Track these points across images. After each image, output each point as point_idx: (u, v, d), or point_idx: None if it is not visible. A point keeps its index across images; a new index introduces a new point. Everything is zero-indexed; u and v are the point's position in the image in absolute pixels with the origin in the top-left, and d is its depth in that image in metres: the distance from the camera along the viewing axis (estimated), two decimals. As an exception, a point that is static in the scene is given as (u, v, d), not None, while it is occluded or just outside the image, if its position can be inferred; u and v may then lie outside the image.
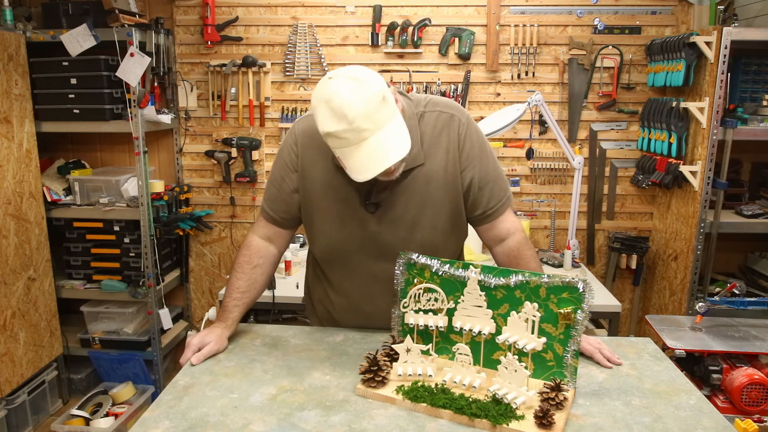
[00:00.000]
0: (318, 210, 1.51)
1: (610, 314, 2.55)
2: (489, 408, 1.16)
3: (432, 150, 1.46)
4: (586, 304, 1.22)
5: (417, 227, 1.48)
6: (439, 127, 1.47)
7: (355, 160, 1.26)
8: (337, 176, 1.46)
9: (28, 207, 2.79)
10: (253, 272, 1.55)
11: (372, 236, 1.48)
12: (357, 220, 1.47)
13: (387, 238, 1.47)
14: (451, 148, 1.46)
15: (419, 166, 1.45)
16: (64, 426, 2.77)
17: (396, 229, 1.47)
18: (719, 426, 1.17)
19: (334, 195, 1.48)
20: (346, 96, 1.23)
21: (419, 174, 1.45)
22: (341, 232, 1.49)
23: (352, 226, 1.48)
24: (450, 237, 1.54)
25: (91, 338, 3.11)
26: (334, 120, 1.23)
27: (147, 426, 1.16)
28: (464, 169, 1.47)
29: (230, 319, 1.51)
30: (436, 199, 1.47)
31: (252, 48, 3.13)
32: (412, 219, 1.47)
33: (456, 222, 1.52)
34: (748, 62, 2.69)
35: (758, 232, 2.72)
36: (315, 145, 1.47)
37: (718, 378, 2.08)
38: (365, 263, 1.51)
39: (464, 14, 3.02)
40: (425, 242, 1.48)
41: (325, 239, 1.52)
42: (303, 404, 1.23)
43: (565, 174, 3.12)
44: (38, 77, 2.87)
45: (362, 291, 1.55)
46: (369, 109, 1.23)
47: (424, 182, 1.46)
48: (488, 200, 1.50)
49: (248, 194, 3.28)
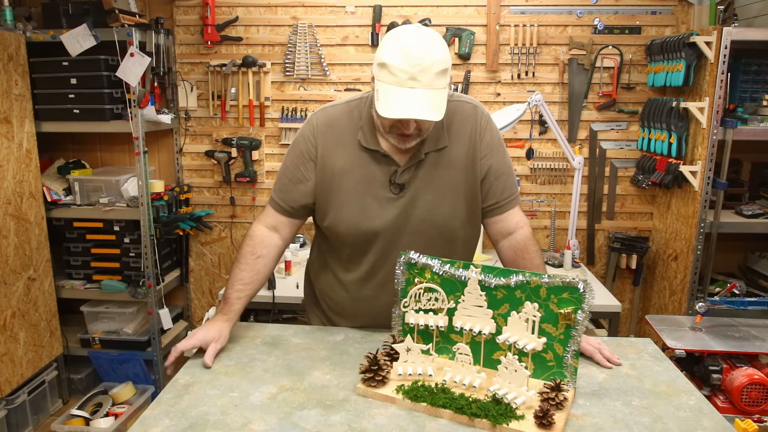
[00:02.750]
0: (340, 195, 1.51)
1: (610, 314, 2.55)
2: (489, 408, 1.16)
3: (456, 136, 1.51)
4: (586, 304, 1.22)
5: (437, 210, 1.50)
6: (464, 115, 1.53)
7: (393, 98, 1.30)
8: (362, 157, 1.49)
9: (28, 207, 2.79)
10: (257, 263, 1.54)
11: (394, 218, 1.50)
12: (380, 200, 1.49)
13: (407, 219, 1.50)
14: (472, 135, 1.52)
15: (443, 149, 1.50)
16: (64, 426, 2.77)
17: (416, 210, 1.50)
18: (719, 426, 1.17)
19: (357, 179, 1.49)
20: (420, 45, 1.30)
21: (442, 157, 1.50)
22: (363, 215, 1.50)
23: (374, 208, 1.49)
24: (466, 224, 1.56)
25: (91, 338, 3.11)
26: (398, 56, 1.29)
27: (147, 424, 1.16)
28: (483, 157, 1.52)
29: (233, 312, 1.50)
30: (457, 184, 1.51)
31: (252, 48, 3.13)
32: (433, 201, 1.50)
33: (472, 209, 1.55)
34: (748, 62, 2.69)
35: (758, 232, 2.72)
36: (335, 134, 1.50)
37: (718, 378, 2.08)
38: (385, 246, 1.52)
39: (464, 14, 3.02)
40: (444, 225, 1.51)
41: (347, 221, 1.51)
42: (303, 403, 1.23)
43: (565, 174, 3.12)
44: (38, 77, 2.87)
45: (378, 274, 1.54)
46: (431, 67, 1.29)
47: (447, 166, 1.50)
48: (502, 191, 1.54)
49: (248, 194, 3.28)
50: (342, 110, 1.54)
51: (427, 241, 1.49)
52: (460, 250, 1.59)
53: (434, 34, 1.35)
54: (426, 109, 1.30)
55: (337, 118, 1.52)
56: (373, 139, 1.48)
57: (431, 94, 1.31)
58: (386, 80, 1.31)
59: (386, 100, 1.31)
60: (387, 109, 1.31)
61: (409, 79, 1.29)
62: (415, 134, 1.40)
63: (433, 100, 1.31)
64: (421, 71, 1.28)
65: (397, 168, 1.48)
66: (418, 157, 1.48)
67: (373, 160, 1.48)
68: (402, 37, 1.32)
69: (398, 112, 1.29)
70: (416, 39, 1.31)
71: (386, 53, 1.31)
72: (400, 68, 1.28)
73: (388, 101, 1.31)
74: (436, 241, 1.50)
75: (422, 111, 1.30)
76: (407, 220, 1.50)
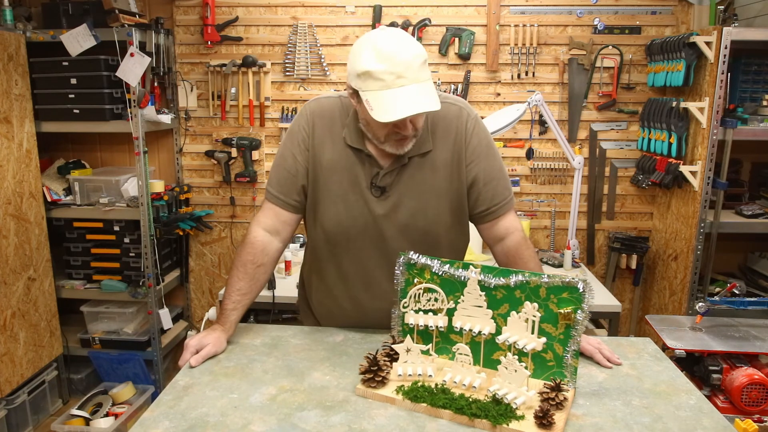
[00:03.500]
0: (325, 190, 1.49)
1: (610, 314, 2.55)
2: (489, 408, 1.16)
3: (440, 139, 1.48)
4: (586, 304, 1.22)
5: (420, 214, 1.48)
6: (449, 118, 1.49)
7: (387, 101, 1.28)
8: (346, 156, 1.47)
9: (28, 207, 2.79)
10: (257, 272, 1.51)
11: (375, 220, 1.48)
12: (363, 202, 1.48)
13: (390, 222, 1.48)
14: (458, 139, 1.48)
15: (427, 153, 1.47)
16: (64, 426, 2.77)
17: (399, 214, 1.48)
18: (719, 426, 1.17)
19: (342, 176, 1.48)
20: (394, 43, 1.29)
21: (426, 161, 1.47)
22: (347, 213, 1.49)
23: (357, 208, 1.48)
24: (451, 230, 1.54)
25: (91, 338, 3.11)
26: (377, 60, 1.27)
27: (147, 426, 1.15)
28: (469, 164, 1.49)
29: (229, 322, 1.49)
30: (440, 189, 1.48)
31: (252, 48, 3.13)
32: (416, 206, 1.48)
33: (457, 215, 1.53)
34: (748, 62, 2.69)
35: (758, 232, 2.72)
36: (326, 125, 1.49)
37: (718, 378, 2.08)
38: (367, 248, 1.51)
39: (464, 14, 3.02)
40: (427, 231, 1.49)
41: (329, 221, 1.50)
42: (303, 404, 1.23)
43: (565, 174, 3.12)
44: (38, 77, 2.87)
45: (362, 277, 1.53)
46: (413, 61, 1.28)
47: (430, 170, 1.48)
48: (492, 198, 1.51)
49: (248, 194, 3.28)
50: (334, 103, 1.52)
51: (411, 245, 1.44)
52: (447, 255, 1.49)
53: (400, 30, 1.35)
54: (423, 102, 1.29)
55: (330, 110, 1.51)
56: (358, 138, 1.46)
57: (421, 88, 1.29)
58: (373, 87, 1.29)
59: (381, 106, 1.28)
60: (384, 114, 1.28)
61: (396, 79, 1.27)
62: (411, 135, 1.39)
63: (425, 91, 1.30)
64: (406, 68, 1.27)
65: (379, 170, 1.46)
66: (401, 160, 1.45)
67: (358, 160, 1.47)
68: (374, 41, 1.29)
69: (398, 113, 1.27)
70: (389, 39, 1.29)
71: (364, 61, 1.28)
72: (384, 71, 1.27)
73: (383, 107, 1.28)
74: (419, 246, 1.44)
75: (421, 104, 1.29)
76: (390, 224, 1.48)
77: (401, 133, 1.37)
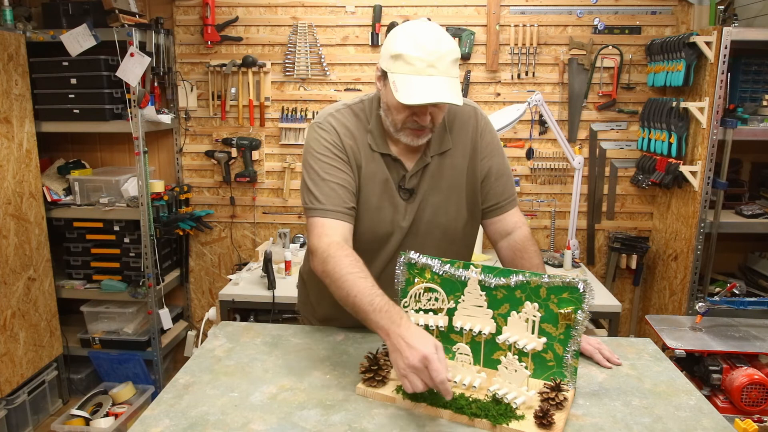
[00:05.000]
0: (364, 200, 1.50)
1: (610, 314, 2.55)
2: (489, 408, 1.16)
3: (458, 138, 1.52)
4: (586, 304, 1.22)
5: (441, 211, 1.52)
6: (465, 117, 1.54)
7: (413, 85, 1.31)
8: (376, 163, 1.49)
9: (28, 207, 2.79)
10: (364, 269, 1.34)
11: (406, 221, 1.50)
12: (393, 208, 1.50)
13: (415, 222, 1.51)
14: (473, 137, 1.53)
15: (447, 152, 1.51)
16: (64, 426, 2.77)
17: (425, 213, 1.51)
18: (719, 426, 1.17)
19: (375, 184, 1.49)
20: (433, 35, 1.32)
21: (446, 160, 1.51)
22: (377, 216, 1.50)
23: (389, 214, 1.50)
24: (467, 225, 1.58)
25: (91, 338, 3.11)
26: (413, 46, 1.30)
27: (147, 424, 1.16)
28: (484, 158, 1.54)
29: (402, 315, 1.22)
30: (460, 185, 1.52)
31: (252, 48, 3.13)
32: (439, 204, 1.51)
33: (473, 209, 1.57)
34: (748, 62, 2.69)
35: (758, 232, 2.72)
36: (351, 136, 1.49)
37: (718, 378, 2.08)
38: (393, 248, 1.52)
39: (464, 14, 3.02)
40: (447, 227, 1.53)
41: (365, 228, 1.50)
42: (303, 403, 1.23)
43: (565, 174, 3.12)
44: (38, 77, 2.87)
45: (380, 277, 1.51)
46: (446, 56, 1.31)
47: (451, 168, 1.51)
48: (502, 191, 1.56)
49: (248, 194, 3.27)
50: (347, 113, 1.51)
51: (433, 243, 1.50)
52: (462, 250, 1.61)
53: (439, 26, 1.38)
54: (447, 94, 1.31)
55: (347, 121, 1.50)
56: (383, 143, 1.48)
57: (449, 82, 1.32)
58: (403, 71, 1.32)
59: (406, 89, 1.31)
60: (408, 96, 1.31)
61: (427, 67, 1.30)
62: (429, 127, 1.41)
63: (452, 86, 1.33)
64: (438, 59, 1.30)
65: (405, 173, 1.49)
66: (425, 160, 1.49)
67: (385, 164, 1.49)
68: (414, 29, 1.34)
69: (421, 98, 1.30)
70: (428, 30, 1.33)
71: (400, 44, 1.32)
72: (418, 57, 1.30)
73: (409, 90, 1.31)
74: (440, 243, 1.52)
75: (445, 95, 1.31)
76: (416, 224, 1.51)
77: (419, 122, 1.39)
